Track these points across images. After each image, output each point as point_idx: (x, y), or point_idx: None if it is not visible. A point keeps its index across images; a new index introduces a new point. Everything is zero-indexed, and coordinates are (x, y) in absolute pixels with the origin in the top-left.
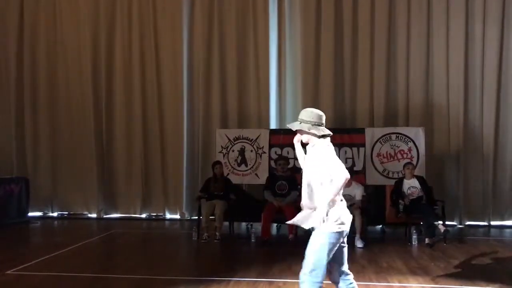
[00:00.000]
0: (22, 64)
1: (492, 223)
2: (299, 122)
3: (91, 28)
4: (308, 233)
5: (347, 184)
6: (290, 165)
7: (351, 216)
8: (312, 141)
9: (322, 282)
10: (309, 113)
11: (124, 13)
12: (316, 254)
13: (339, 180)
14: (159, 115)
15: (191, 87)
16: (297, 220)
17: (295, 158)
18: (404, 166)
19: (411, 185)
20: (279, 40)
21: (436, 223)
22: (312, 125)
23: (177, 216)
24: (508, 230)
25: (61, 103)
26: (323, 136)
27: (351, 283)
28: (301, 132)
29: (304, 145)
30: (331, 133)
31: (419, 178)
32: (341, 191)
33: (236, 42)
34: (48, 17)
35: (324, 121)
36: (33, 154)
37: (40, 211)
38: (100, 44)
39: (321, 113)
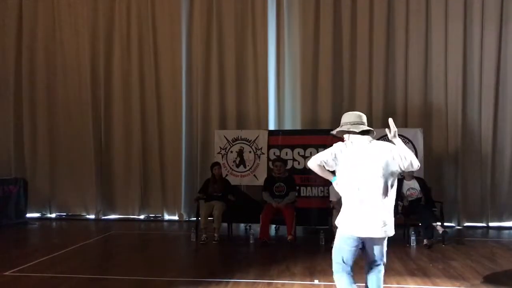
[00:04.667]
0: (21, 66)
1: (490, 224)
2: (340, 126)
3: (90, 32)
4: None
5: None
6: (289, 166)
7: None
8: (351, 139)
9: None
10: (349, 115)
11: (122, 15)
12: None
13: None
14: (157, 116)
15: (189, 88)
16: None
17: (294, 159)
18: None
19: (410, 187)
20: (278, 41)
21: (434, 224)
22: (352, 124)
23: (176, 217)
24: (506, 231)
25: (60, 104)
26: (362, 133)
27: None
28: (338, 133)
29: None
30: (370, 129)
31: (419, 180)
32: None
33: (235, 43)
34: (47, 20)
35: (362, 120)
36: (32, 155)
37: (38, 212)
38: (98, 46)
39: (359, 113)
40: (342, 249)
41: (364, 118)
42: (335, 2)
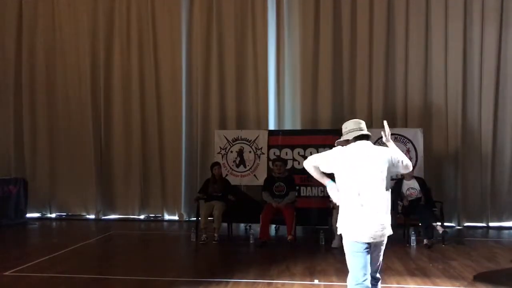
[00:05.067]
0: (21, 66)
1: (490, 224)
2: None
3: (89, 32)
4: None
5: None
6: (289, 166)
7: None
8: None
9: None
10: (345, 124)
11: (122, 15)
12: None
13: None
14: (157, 116)
15: (189, 88)
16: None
17: (293, 159)
18: None
19: (410, 186)
20: (278, 41)
21: (434, 224)
22: (348, 132)
23: (176, 217)
24: (506, 231)
25: (60, 104)
26: (356, 138)
27: None
28: (340, 143)
29: None
30: (363, 133)
31: (419, 180)
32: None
33: (235, 43)
34: (46, 20)
35: (360, 126)
36: (32, 155)
37: (38, 212)
38: (98, 46)
39: (356, 120)
40: (355, 255)
41: (362, 124)
42: (335, 2)
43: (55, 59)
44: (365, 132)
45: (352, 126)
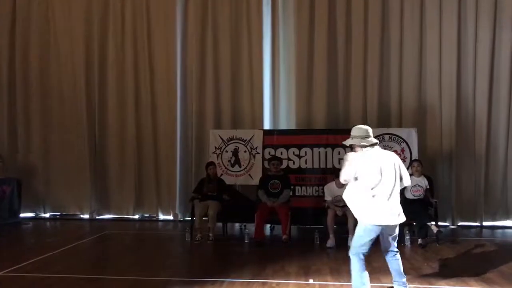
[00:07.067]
0: (14, 64)
1: (484, 223)
2: (350, 138)
3: (84, 31)
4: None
5: (339, 185)
6: (284, 165)
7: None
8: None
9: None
10: (358, 129)
11: (117, 14)
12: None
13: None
14: (152, 115)
15: (184, 87)
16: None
17: (288, 159)
18: (410, 163)
19: (417, 183)
20: (273, 41)
21: (428, 223)
22: (362, 138)
23: (170, 217)
24: (499, 231)
25: (54, 103)
26: (372, 145)
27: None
28: (354, 146)
29: None
30: (378, 142)
31: (428, 178)
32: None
33: (230, 42)
34: (40, 17)
35: (369, 133)
36: (25, 154)
37: (32, 212)
38: (93, 44)
39: (367, 127)
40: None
41: (371, 131)
42: (329, 3)
43: (49, 58)
44: (373, 139)
45: (363, 133)
